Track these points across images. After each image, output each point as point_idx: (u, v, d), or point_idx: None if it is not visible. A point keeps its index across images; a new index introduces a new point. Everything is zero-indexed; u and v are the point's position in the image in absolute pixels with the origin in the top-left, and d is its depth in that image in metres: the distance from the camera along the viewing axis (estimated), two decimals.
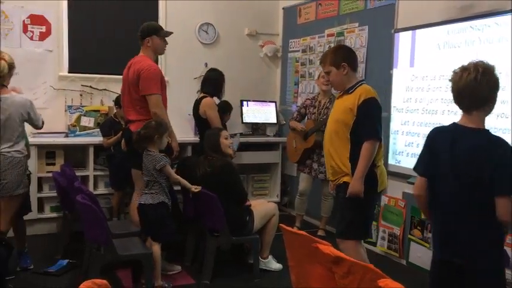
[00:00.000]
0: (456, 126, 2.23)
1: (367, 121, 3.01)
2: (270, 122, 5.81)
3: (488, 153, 2.10)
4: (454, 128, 2.23)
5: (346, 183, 3.06)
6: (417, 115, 4.02)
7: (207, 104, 4.46)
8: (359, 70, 4.47)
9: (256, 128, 5.77)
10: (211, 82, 4.62)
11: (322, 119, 4.51)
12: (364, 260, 2.90)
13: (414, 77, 4.07)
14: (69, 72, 5.08)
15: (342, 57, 3.11)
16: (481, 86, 2.13)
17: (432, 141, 2.31)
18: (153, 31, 3.89)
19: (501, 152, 2.10)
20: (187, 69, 5.56)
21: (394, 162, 4.24)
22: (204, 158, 3.83)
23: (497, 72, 2.18)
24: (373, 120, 3.03)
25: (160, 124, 3.55)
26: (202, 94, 4.60)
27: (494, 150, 2.10)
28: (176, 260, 3.92)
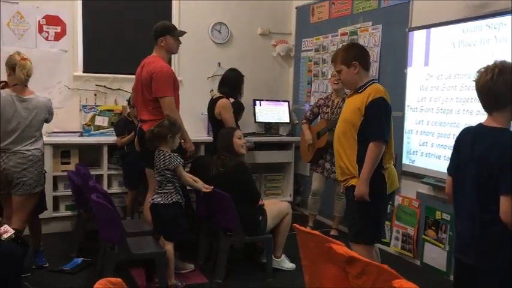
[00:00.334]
0: (480, 126, 2.21)
1: (374, 122, 2.92)
2: (283, 122, 5.79)
3: (501, 151, 2.06)
4: (478, 128, 2.21)
5: (354, 186, 2.98)
6: (432, 114, 3.98)
7: (223, 106, 4.40)
8: (372, 69, 4.46)
9: (269, 128, 5.77)
10: (229, 82, 4.55)
11: (334, 119, 4.49)
12: None
13: (429, 76, 4.03)
14: (83, 72, 5.13)
15: (353, 55, 3.03)
16: (497, 86, 2.09)
17: (458, 141, 2.30)
18: (167, 31, 3.90)
19: None
20: (200, 68, 5.57)
21: (408, 161, 4.21)
22: (217, 158, 3.83)
23: None
24: (380, 121, 2.93)
25: (173, 124, 3.55)
26: (218, 94, 4.55)
27: (508, 149, 2.06)
28: (189, 259, 3.93)
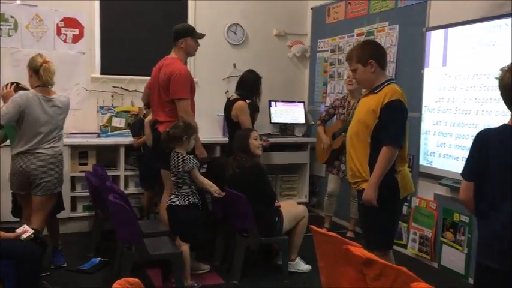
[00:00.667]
0: (505, 127, 2.15)
1: (389, 125, 2.81)
2: (298, 123, 5.78)
3: None
4: (503, 129, 2.15)
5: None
6: (450, 115, 3.93)
7: (240, 108, 4.37)
8: (389, 70, 4.42)
9: (284, 129, 5.76)
10: (247, 84, 4.53)
11: (350, 120, 4.45)
12: None
13: (447, 76, 3.98)
14: (100, 73, 5.18)
15: (369, 53, 2.90)
16: None
17: (479, 143, 2.19)
18: (188, 32, 3.93)
19: None
20: (216, 70, 5.59)
21: (426, 163, 4.16)
22: (233, 159, 3.83)
23: None
24: (395, 124, 2.82)
25: (189, 125, 3.56)
26: (235, 95, 4.53)
27: None
28: (205, 260, 3.94)
